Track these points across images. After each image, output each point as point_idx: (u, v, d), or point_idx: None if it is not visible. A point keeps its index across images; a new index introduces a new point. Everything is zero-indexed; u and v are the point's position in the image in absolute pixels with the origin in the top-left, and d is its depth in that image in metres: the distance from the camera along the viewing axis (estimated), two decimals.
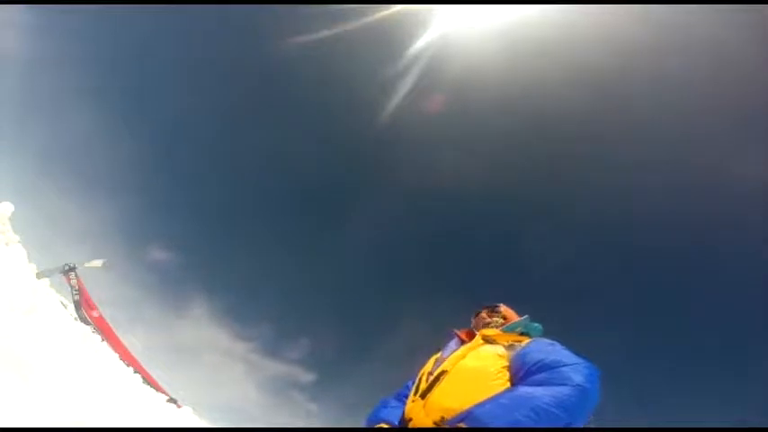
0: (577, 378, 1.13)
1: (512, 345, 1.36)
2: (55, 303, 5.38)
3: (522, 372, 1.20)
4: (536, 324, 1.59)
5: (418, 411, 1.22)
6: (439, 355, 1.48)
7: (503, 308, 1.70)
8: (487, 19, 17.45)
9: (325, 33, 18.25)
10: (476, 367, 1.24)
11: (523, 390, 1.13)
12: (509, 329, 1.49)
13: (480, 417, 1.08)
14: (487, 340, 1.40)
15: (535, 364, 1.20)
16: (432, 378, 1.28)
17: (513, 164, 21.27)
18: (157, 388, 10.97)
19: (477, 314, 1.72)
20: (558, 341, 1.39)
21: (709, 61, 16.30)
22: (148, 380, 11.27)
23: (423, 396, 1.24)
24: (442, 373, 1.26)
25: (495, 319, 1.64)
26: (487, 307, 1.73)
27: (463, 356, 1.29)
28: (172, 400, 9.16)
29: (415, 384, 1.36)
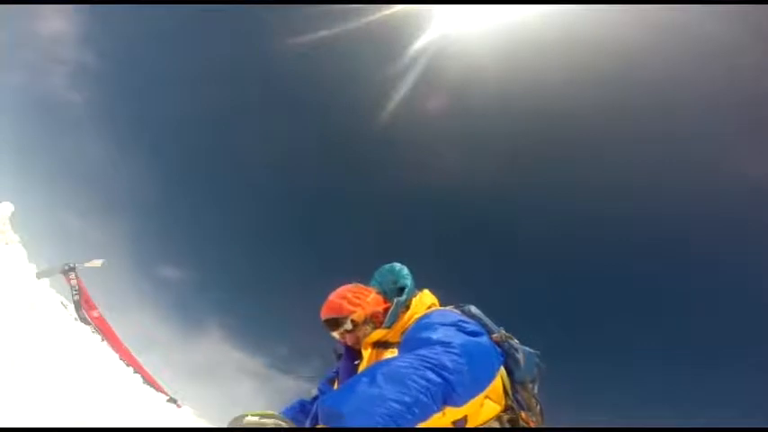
0: (445, 359, 0.93)
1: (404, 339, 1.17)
2: (55, 303, 5.37)
3: None
4: (404, 280, 1.29)
5: None
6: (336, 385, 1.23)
7: (356, 309, 1.27)
8: (487, 19, 17.48)
9: (325, 33, 18.24)
10: None
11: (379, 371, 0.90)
12: (392, 322, 1.23)
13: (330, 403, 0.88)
14: (380, 346, 1.19)
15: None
16: None
17: (513, 163, 21.30)
18: (158, 388, 10.96)
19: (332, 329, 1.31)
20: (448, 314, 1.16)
21: (709, 61, 16.33)
22: (148, 380, 11.27)
23: None
24: None
25: (362, 329, 1.26)
26: (327, 321, 1.31)
27: None
28: (172, 400, 9.16)
29: None
